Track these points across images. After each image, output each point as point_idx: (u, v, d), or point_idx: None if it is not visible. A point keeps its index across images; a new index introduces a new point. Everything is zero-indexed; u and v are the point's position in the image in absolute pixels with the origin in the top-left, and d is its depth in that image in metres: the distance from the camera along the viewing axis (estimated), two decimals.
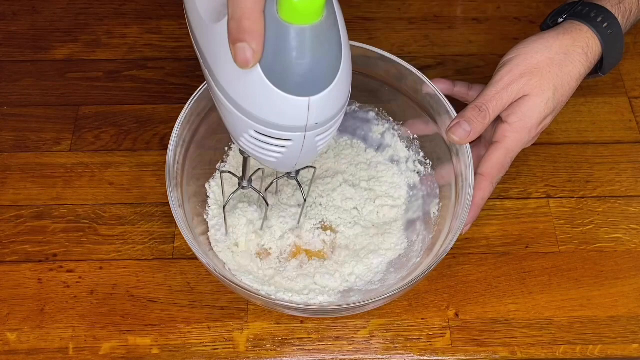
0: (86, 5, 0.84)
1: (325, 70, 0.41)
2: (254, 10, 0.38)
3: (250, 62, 0.39)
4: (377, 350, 0.62)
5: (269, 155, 0.46)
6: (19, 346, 0.62)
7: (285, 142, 0.44)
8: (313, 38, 0.39)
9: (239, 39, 0.39)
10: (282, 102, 0.41)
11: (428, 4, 0.85)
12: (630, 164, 0.73)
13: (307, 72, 0.40)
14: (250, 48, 0.39)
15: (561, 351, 0.62)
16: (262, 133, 0.44)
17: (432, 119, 0.66)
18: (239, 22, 0.39)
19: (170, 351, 0.62)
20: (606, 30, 0.63)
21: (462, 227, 0.58)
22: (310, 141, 0.44)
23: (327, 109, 0.43)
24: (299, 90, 0.41)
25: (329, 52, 0.41)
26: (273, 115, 0.42)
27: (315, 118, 0.42)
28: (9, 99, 0.76)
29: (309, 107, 0.41)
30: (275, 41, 0.39)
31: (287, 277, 0.64)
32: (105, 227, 0.68)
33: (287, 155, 0.45)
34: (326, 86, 0.41)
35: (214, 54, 0.44)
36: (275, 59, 0.39)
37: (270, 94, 0.41)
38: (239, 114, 0.43)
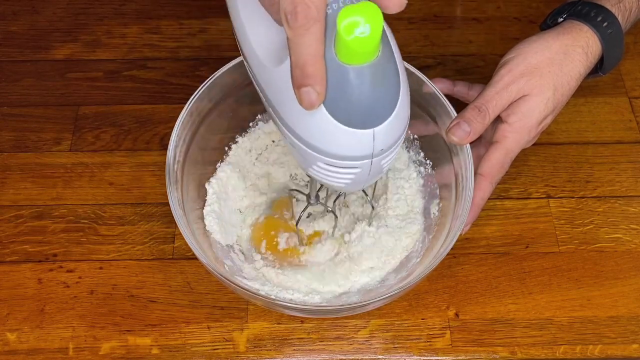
0: (86, 5, 0.84)
1: (385, 102, 0.43)
2: (315, 57, 0.40)
3: (315, 104, 0.41)
4: (377, 350, 0.62)
5: (339, 182, 0.48)
6: (19, 346, 0.62)
7: (354, 170, 0.46)
8: (371, 75, 0.42)
9: (304, 84, 0.41)
10: (348, 136, 0.43)
11: (428, 4, 0.85)
12: (630, 164, 0.73)
13: (369, 106, 0.43)
14: (315, 91, 0.41)
15: (561, 351, 0.62)
16: (331, 164, 0.46)
17: (432, 119, 0.65)
18: (302, 69, 0.40)
19: (170, 351, 0.62)
20: (606, 30, 0.63)
21: (462, 227, 0.58)
22: (377, 165, 0.47)
23: (391, 135, 0.45)
24: (363, 124, 0.43)
25: (387, 85, 0.43)
26: (341, 148, 0.45)
27: (381, 145, 0.45)
28: (9, 99, 0.76)
29: (374, 137, 0.44)
30: (336, 82, 0.41)
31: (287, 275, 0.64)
32: (105, 227, 0.68)
33: (356, 179, 0.48)
34: (388, 116, 0.43)
35: (279, 96, 0.46)
36: (338, 97, 0.42)
37: (337, 130, 0.43)
38: (307, 149, 0.46)
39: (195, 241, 0.57)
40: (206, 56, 0.80)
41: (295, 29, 0.39)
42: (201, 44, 0.81)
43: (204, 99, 0.63)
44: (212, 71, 0.63)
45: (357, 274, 0.64)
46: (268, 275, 0.64)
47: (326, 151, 0.45)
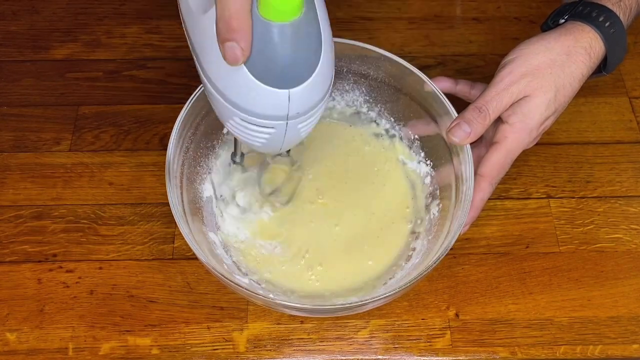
0: (86, 5, 0.84)
1: (304, 64, 0.43)
2: (241, 11, 0.40)
3: (239, 59, 0.41)
4: (377, 350, 0.62)
5: (254, 140, 0.49)
6: (19, 346, 0.62)
7: (268, 129, 0.47)
8: (292, 34, 0.42)
9: (228, 39, 0.41)
10: (264, 94, 0.44)
11: (428, 3, 0.85)
12: (630, 164, 0.73)
13: (287, 66, 0.43)
14: (239, 47, 0.41)
15: (561, 351, 0.62)
16: (247, 121, 0.46)
17: (433, 119, 0.65)
18: (227, 22, 0.40)
19: (170, 351, 0.62)
20: (608, 30, 0.63)
21: (461, 227, 0.58)
22: (293, 128, 0.47)
23: (307, 100, 0.45)
24: (280, 83, 0.43)
25: (308, 47, 0.43)
26: (256, 105, 0.45)
27: (296, 108, 0.45)
28: (8, 99, 0.76)
29: (290, 99, 0.44)
30: (257, 38, 0.41)
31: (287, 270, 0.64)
32: (105, 227, 0.68)
33: (272, 140, 0.48)
34: (305, 79, 0.44)
35: (201, 44, 0.47)
36: (257, 54, 0.42)
37: (253, 86, 0.43)
38: (224, 102, 0.46)
39: (195, 241, 0.57)
40: None
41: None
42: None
43: (203, 98, 0.63)
44: None
45: (357, 272, 0.64)
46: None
47: (242, 107, 0.45)
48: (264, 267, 0.65)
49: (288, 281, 0.64)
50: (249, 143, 0.50)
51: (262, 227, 0.66)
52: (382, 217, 0.67)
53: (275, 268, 0.65)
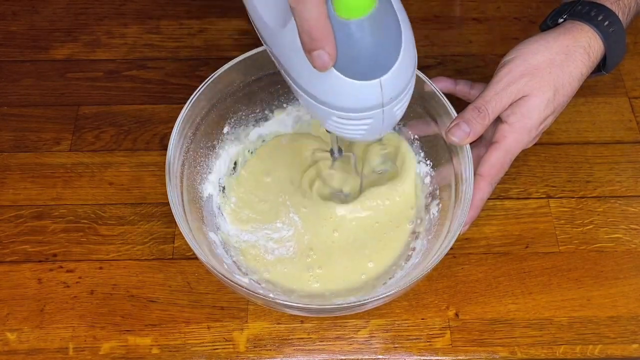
0: (86, 5, 0.84)
1: (388, 51, 0.45)
2: (320, 19, 0.41)
3: (328, 65, 0.43)
4: (377, 350, 0.62)
5: (355, 133, 0.50)
6: (19, 346, 0.62)
7: (367, 120, 0.48)
8: (370, 27, 0.43)
9: (314, 48, 0.42)
10: (357, 89, 0.45)
11: (428, 4, 0.85)
12: (630, 164, 0.73)
13: (373, 58, 0.44)
14: (326, 53, 0.42)
15: (561, 351, 0.62)
16: (345, 117, 0.48)
17: (433, 119, 0.65)
18: (309, 34, 0.42)
19: (170, 351, 0.62)
20: (607, 29, 0.63)
21: (461, 227, 0.58)
22: (389, 113, 0.48)
23: (398, 83, 0.46)
24: (370, 74, 0.44)
25: (388, 34, 0.44)
26: (352, 101, 0.46)
27: (390, 94, 0.46)
28: (9, 99, 0.76)
29: (382, 87, 0.45)
30: (339, 38, 0.43)
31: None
32: (105, 227, 0.68)
33: (371, 129, 0.49)
34: (392, 64, 0.45)
35: (287, 56, 0.48)
36: (343, 53, 0.43)
37: (345, 84, 0.44)
38: (320, 105, 0.47)
39: (195, 241, 0.57)
40: (206, 56, 0.80)
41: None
42: (201, 44, 0.81)
43: (204, 99, 0.63)
44: (212, 71, 0.63)
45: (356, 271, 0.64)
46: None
47: (338, 105, 0.46)
48: (263, 267, 0.65)
49: (288, 281, 0.64)
50: (351, 137, 0.51)
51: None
52: (385, 218, 0.68)
53: (276, 268, 0.65)
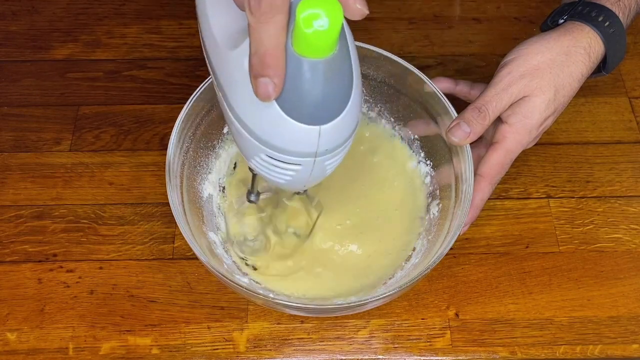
0: (86, 5, 0.84)
1: (336, 100, 0.43)
2: (276, 47, 0.39)
3: (272, 96, 0.41)
4: (377, 350, 0.62)
5: (279, 177, 0.47)
6: (19, 346, 0.62)
7: (295, 167, 0.46)
8: (325, 71, 0.41)
9: (262, 74, 0.40)
10: (294, 130, 0.43)
11: (428, 4, 0.85)
12: (630, 164, 0.73)
13: (319, 103, 0.42)
14: (273, 82, 0.40)
15: (561, 351, 0.62)
16: (273, 157, 0.45)
17: (433, 119, 0.66)
18: (261, 58, 0.40)
19: (170, 351, 0.62)
20: (608, 29, 0.63)
21: (461, 227, 0.58)
22: (320, 165, 0.46)
23: (337, 136, 0.44)
24: (311, 120, 0.42)
25: (340, 83, 0.42)
26: (284, 142, 0.44)
27: (325, 145, 0.44)
28: (9, 99, 0.76)
29: (320, 135, 0.43)
30: (289, 73, 0.41)
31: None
32: (105, 227, 0.68)
33: (297, 177, 0.47)
34: (336, 115, 0.43)
35: (229, 80, 0.45)
36: (289, 90, 0.41)
37: (283, 122, 0.42)
38: (251, 138, 0.45)
39: (195, 241, 0.57)
40: None
41: (257, 17, 0.39)
42: (201, 44, 0.81)
43: (203, 98, 0.63)
44: None
45: (356, 272, 0.64)
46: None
47: (269, 143, 0.44)
48: (263, 267, 0.65)
49: (287, 281, 0.64)
50: (273, 180, 0.48)
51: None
52: (385, 218, 0.68)
53: (275, 268, 0.65)
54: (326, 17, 0.38)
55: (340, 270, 0.65)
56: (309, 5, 0.38)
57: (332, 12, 0.38)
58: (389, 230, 0.67)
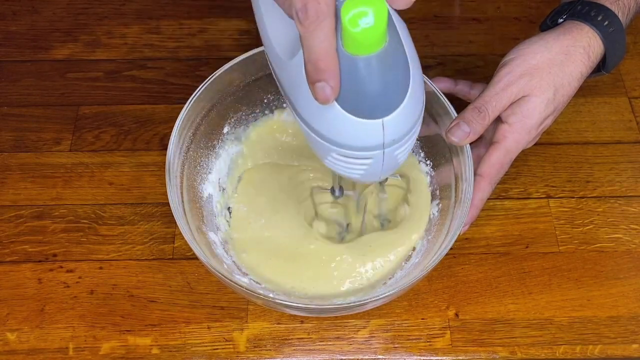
0: (86, 5, 0.84)
1: (394, 91, 0.43)
2: (327, 52, 0.41)
3: (330, 99, 0.42)
4: (377, 350, 0.62)
5: (354, 172, 0.49)
6: (19, 346, 0.62)
7: (366, 161, 0.47)
8: (378, 65, 0.42)
9: (318, 79, 0.41)
10: (358, 127, 0.44)
11: (428, 4, 0.85)
12: (630, 164, 0.73)
13: (378, 96, 0.43)
14: (329, 86, 0.41)
15: (561, 351, 0.62)
16: (344, 155, 0.47)
17: (433, 119, 0.65)
18: (315, 64, 0.41)
19: (170, 351, 0.62)
20: (607, 29, 0.63)
21: (461, 227, 0.58)
22: (390, 155, 0.47)
23: (401, 126, 0.45)
24: (372, 114, 0.43)
25: (396, 74, 0.43)
26: (352, 139, 0.45)
27: (392, 135, 0.45)
28: (9, 99, 0.76)
29: (384, 127, 0.44)
30: (345, 73, 0.42)
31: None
32: (105, 227, 0.68)
33: (370, 170, 0.48)
34: (397, 106, 0.44)
35: (292, 87, 0.47)
36: (347, 88, 0.42)
37: (346, 120, 0.43)
38: (320, 140, 0.46)
39: (195, 241, 0.57)
40: (206, 56, 0.80)
41: (306, 26, 0.40)
42: (201, 44, 0.81)
43: (204, 99, 0.63)
44: (212, 71, 0.63)
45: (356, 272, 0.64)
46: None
47: (338, 142, 0.45)
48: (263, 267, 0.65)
49: (287, 281, 0.64)
50: (349, 175, 0.50)
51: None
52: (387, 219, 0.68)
53: (275, 267, 0.65)
54: (371, 14, 0.39)
55: (339, 269, 0.65)
56: (353, 5, 0.39)
57: (376, 8, 0.39)
58: (389, 230, 0.67)
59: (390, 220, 0.67)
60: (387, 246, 0.65)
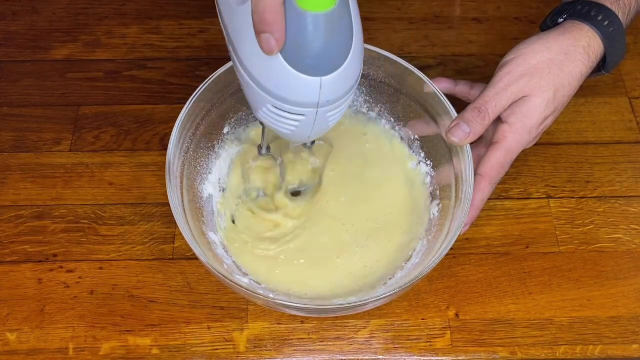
0: (86, 5, 0.84)
1: (336, 53, 0.45)
2: (274, 3, 0.42)
3: (274, 50, 0.44)
4: (377, 350, 0.62)
5: (284, 127, 0.50)
6: (19, 346, 0.62)
7: (298, 117, 0.48)
8: (325, 24, 0.43)
9: (263, 30, 0.43)
10: (296, 81, 0.45)
11: (428, 4, 0.85)
12: (630, 164, 0.73)
13: (320, 55, 0.44)
14: (274, 38, 0.43)
15: (561, 351, 0.62)
16: (278, 107, 0.48)
17: (433, 119, 0.66)
18: (261, 15, 0.43)
19: (170, 351, 0.62)
20: (607, 28, 0.63)
21: (461, 227, 0.58)
22: (322, 116, 0.48)
23: (338, 88, 0.47)
24: (312, 71, 0.45)
25: (340, 36, 0.45)
26: (288, 92, 0.46)
27: (326, 96, 0.46)
28: (9, 99, 0.76)
29: (321, 86, 0.45)
30: (292, 26, 0.43)
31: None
32: (105, 227, 0.68)
33: (301, 128, 0.50)
34: (337, 67, 0.45)
35: (238, 34, 0.48)
36: (292, 42, 0.44)
37: (286, 73, 0.45)
38: (258, 89, 0.48)
39: (195, 241, 0.57)
40: (206, 56, 0.80)
41: None
42: (201, 44, 0.81)
43: (203, 99, 0.63)
44: (212, 71, 0.63)
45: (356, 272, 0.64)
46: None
47: (274, 93, 0.47)
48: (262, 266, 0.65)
49: (287, 281, 0.64)
50: (279, 130, 0.51)
51: (275, 225, 0.67)
52: (384, 218, 0.68)
53: (274, 267, 0.65)
54: None
55: (339, 269, 0.65)
56: None
57: None
58: (389, 230, 0.67)
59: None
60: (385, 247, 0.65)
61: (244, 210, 0.67)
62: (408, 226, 0.67)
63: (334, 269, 0.65)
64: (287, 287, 0.63)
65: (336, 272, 0.65)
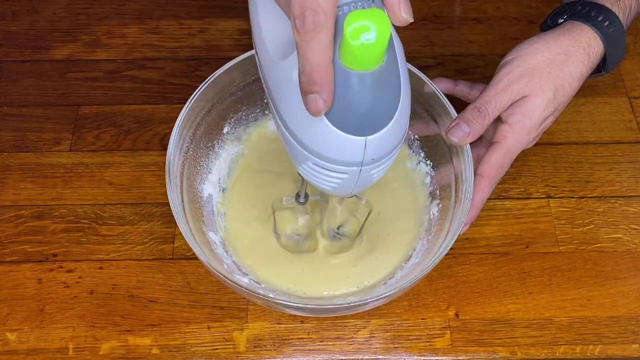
0: (86, 5, 0.84)
1: (382, 112, 0.43)
2: (323, 64, 0.40)
3: (322, 111, 0.41)
4: (377, 350, 0.62)
5: (326, 184, 0.48)
6: (19, 346, 0.62)
7: (341, 175, 0.46)
8: (372, 83, 0.41)
9: (311, 91, 0.40)
10: (340, 141, 0.43)
11: (428, 4, 0.85)
12: (630, 164, 0.73)
13: (366, 114, 0.42)
14: (322, 99, 0.40)
15: (561, 351, 0.62)
16: (320, 166, 0.46)
17: (433, 119, 0.65)
18: (309, 76, 0.40)
19: (170, 351, 0.62)
20: (607, 29, 0.63)
21: (461, 227, 0.58)
22: (366, 174, 0.46)
23: (383, 146, 0.45)
24: (357, 131, 0.43)
25: (387, 95, 0.43)
26: (331, 151, 0.44)
27: (371, 155, 0.44)
28: (9, 99, 0.76)
29: (366, 146, 0.43)
30: (337, 87, 0.41)
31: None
32: (105, 227, 0.68)
33: (343, 185, 0.48)
34: (383, 126, 0.43)
35: (279, 89, 0.46)
36: (337, 102, 0.41)
37: (330, 133, 0.43)
38: (299, 147, 0.45)
39: (195, 241, 0.57)
40: (206, 56, 0.80)
41: (302, 35, 0.39)
42: (201, 44, 0.81)
43: (203, 99, 0.63)
44: (212, 71, 0.63)
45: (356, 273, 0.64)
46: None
47: (317, 152, 0.45)
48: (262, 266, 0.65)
49: (288, 281, 0.64)
50: (321, 186, 0.49)
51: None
52: (384, 218, 0.68)
53: (275, 267, 0.65)
54: (374, 30, 0.38)
55: (339, 269, 0.65)
56: (356, 18, 0.38)
57: (380, 24, 0.38)
58: (389, 230, 0.67)
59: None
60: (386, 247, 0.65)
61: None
62: (408, 226, 0.67)
63: (333, 268, 0.65)
64: (287, 287, 0.64)
65: (336, 272, 0.65)
